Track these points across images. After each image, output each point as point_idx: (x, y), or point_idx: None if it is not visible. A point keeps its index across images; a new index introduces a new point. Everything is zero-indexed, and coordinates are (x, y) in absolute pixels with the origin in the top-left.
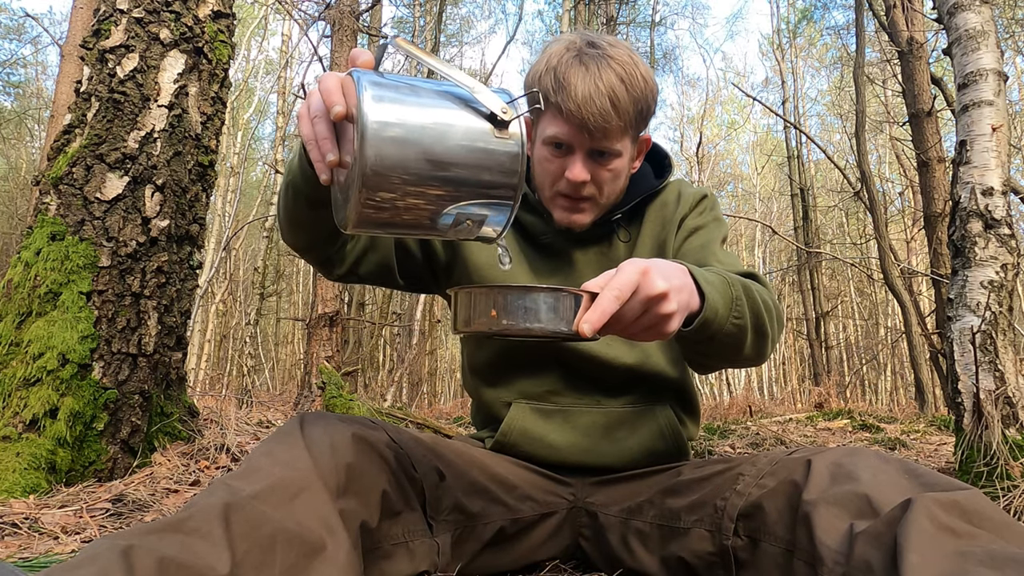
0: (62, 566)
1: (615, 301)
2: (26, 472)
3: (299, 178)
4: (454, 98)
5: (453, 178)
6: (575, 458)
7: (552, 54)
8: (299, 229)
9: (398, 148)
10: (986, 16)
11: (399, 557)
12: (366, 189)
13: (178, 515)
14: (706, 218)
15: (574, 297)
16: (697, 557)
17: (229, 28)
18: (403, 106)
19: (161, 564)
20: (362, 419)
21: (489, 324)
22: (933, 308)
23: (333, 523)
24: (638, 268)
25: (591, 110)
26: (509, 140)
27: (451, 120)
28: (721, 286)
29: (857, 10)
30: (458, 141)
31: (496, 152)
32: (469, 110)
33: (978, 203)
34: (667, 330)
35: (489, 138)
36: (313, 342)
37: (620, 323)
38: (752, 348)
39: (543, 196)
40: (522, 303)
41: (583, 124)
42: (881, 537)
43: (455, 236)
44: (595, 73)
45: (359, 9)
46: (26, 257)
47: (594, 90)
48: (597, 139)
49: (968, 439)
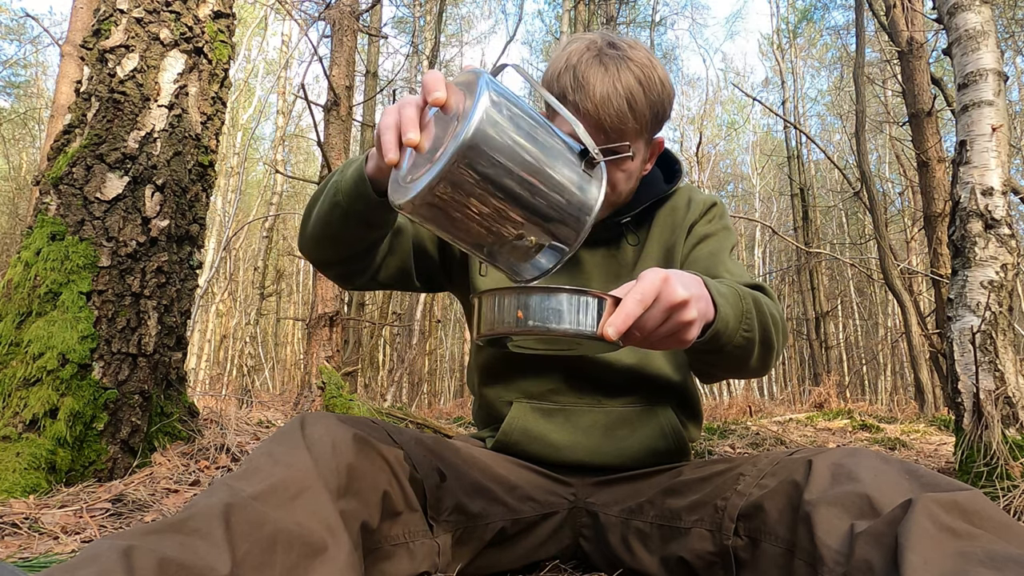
0: (62, 566)
1: (639, 305)
2: (26, 472)
3: (351, 193)
4: (550, 129)
5: (530, 204)
6: (576, 457)
7: (572, 52)
8: (335, 245)
9: (493, 152)
10: (986, 16)
11: (400, 558)
12: (445, 180)
13: (178, 515)
14: (716, 226)
15: (599, 300)
16: (697, 557)
17: (229, 28)
18: (512, 117)
19: (161, 564)
20: (363, 419)
21: (515, 325)
22: (933, 308)
23: (334, 524)
24: (659, 276)
25: (608, 111)
26: (592, 182)
27: (549, 144)
28: (733, 299)
29: (857, 10)
30: (549, 166)
31: (578, 192)
32: (564, 145)
33: (978, 203)
34: (687, 338)
35: (576, 176)
36: (313, 342)
37: (642, 330)
38: (758, 360)
39: None
40: (548, 303)
41: (599, 124)
42: (882, 537)
43: (494, 258)
44: (614, 74)
45: (359, 9)
46: (26, 257)
47: (612, 91)
48: (613, 139)
49: (968, 439)
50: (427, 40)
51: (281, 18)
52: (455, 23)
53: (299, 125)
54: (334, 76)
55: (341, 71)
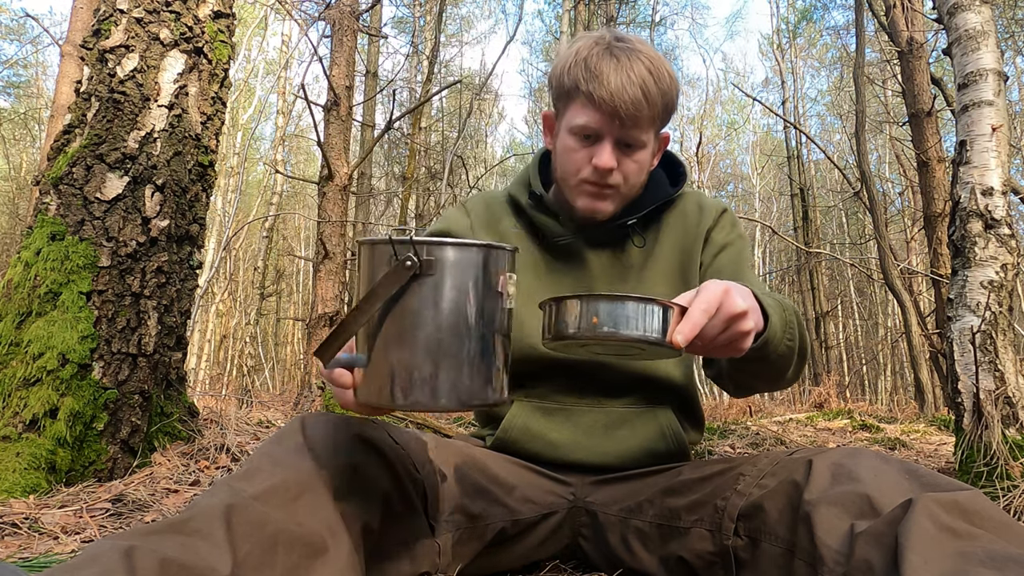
0: (63, 566)
1: (704, 315)
2: (26, 472)
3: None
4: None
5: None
6: (575, 456)
7: (581, 48)
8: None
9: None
10: (986, 16)
11: (400, 558)
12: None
13: (180, 516)
14: (732, 235)
15: (665, 308)
16: (697, 557)
17: (229, 28)
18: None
19: (163, 565)
20: (364, 420)
21: (590, 331)
22: (933, 308)
23: (335, 525)
24: (721, 287)
25: (624, 99)
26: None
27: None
28: (778, 309)
29: (857, 10)
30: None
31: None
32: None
33: (978, 203)
34: (743, 346)
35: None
36: (313, 342)
37: (703, 339)
38: (794, 369)
39: (567, 186)
40: (621, 311)
41: (615, 112)
42: (882, 537)
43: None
44: (626, 64)
45: (359, 9)
46: (26, 257)
47: (626, 80)
48: (627, 128)
49: (968, 439)
50: (427, 40)
51: (281, 18)
52: (455, 23)
53: (299, 125)
54: (334, 76)
55: (341, 71)
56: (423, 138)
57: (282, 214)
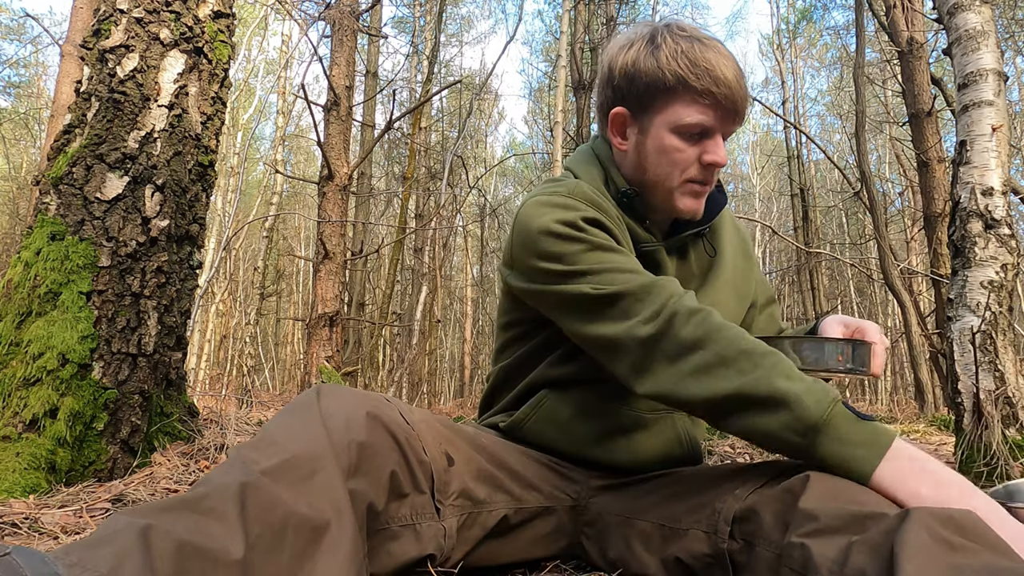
0: (80, 543)
1: (885, 352)
2: (26, 472)
3: None
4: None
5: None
6: (589, 452)
7: (662, 41)
8: None
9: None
10: (986, 16)
11: (406, 539)
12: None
13: (195, 492)
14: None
15: (871, 346)
16: (694, 559)
17: (229, 28)
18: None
19: (179, 548)
20: (377, 396)
21: (836, 367)
22: (933, 308)
23: (342, 505)
24: (876, 326)
25: (741, 93)
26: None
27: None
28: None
29: (857, 10)
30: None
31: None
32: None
33: (978, 203)
34: (879, 373)
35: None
36: (313, 342)
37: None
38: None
39: (663, 188)
40: (858, 352)
41: (733, 107)
42: (877, 548)
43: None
44: (726, 55)
45: (359, 9)
46: (26, 257)
47: (736, 73)
48: (738, 122)
49: (968, 439)
50: (427, 40)
51: (281, 18)
52: (455, 23)
53: (299, 125)
54: (334, 76)
55: (341, 71)
56: (423, 138)
57: (282, 214)
